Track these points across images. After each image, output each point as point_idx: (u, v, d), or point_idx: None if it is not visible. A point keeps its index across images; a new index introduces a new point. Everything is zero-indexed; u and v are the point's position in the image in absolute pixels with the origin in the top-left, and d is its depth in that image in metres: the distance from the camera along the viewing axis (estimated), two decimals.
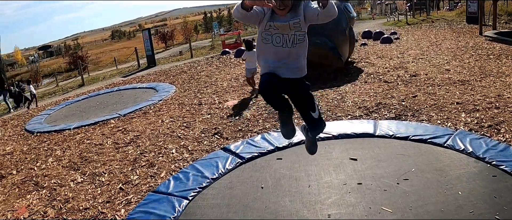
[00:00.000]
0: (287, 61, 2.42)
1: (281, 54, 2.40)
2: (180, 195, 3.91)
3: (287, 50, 2.39)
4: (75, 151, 6.44)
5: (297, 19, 2.34)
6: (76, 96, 14.07)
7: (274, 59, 2.43)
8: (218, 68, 12.30)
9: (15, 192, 5.15)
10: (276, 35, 2.37)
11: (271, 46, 2.40)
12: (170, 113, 7.76)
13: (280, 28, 2.35)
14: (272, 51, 2.41)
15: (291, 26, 2.34)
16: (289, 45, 2.38)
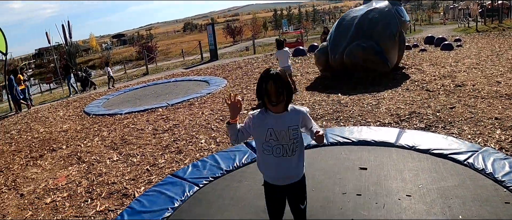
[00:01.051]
0: (288, 170, 2.47)
1: (283, 164, 2.44)
2: (193, 181, 4.36)
3: (288, 159, 2.43)
4: (119, 133, 7.26)
5: (295, 126, 2.40)
6: (137, 84, 15.42)
7: (275, 172, 2.48)
8: (273, 65, 12.70)
9: (60, 164, 6.03)
10: (276, 147, 2.40)
11: (272, 157, 2.43)
12: (212, 106, 8.32)
13: (279, 138, 2.38)
14: (274, 162, 2.44)
15: (290, 134, 2.38)
16: (289, 154, 2.41)
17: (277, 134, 2.38)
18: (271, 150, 2.41)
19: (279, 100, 2.32)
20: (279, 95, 2.31)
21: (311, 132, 2.46)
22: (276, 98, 2.31)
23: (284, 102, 2.35)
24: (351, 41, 7.66)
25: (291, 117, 2.41)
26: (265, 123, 2.40)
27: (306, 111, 2.50)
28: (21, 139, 8.20)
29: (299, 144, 2.46)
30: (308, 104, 6.82)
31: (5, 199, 4.92)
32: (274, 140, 2.39)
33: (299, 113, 2.44)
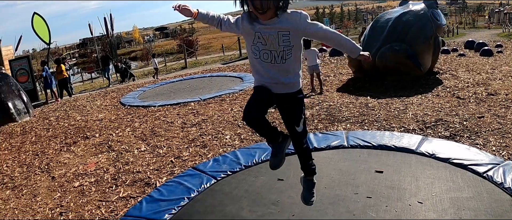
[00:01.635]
0: (278, 77, 2.38)
1: (271, 70, 2.37)
2: (211, 174, 4.60)
3: (277, 65, 2.34)
4: (150, 125, 7.66)
5: (286, 32, 2.27)
6: (174, 77, 15.98)
7: (264, 75, 2.41)
8: None
9: (92, 151, 6.49)
10: (264, 52, 2.32)
11: (260, 61, 2.37)
12: (243, 103, 8.54)
13: (267, 43, 2.29)
14: (261, 66, 2.38)
15: (280, 40, 2.27)
16: (278, 61, 2.33)
17: (265, 38, 2.26)
18: (259, 53, 2.33)
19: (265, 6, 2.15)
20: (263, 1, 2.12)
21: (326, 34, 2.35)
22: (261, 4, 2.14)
23: (273, 9, 2.19)
24: (384, 43, 7.62)
25: (282, 21, 2.26)
26: (253, 25, 2.28)
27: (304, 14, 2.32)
28: (59, 125, 8.83)
29: (293, 53, 2.34)
30: (336, 106, 6.88)
31: (38, 180, 5.40)
32: (262, 44, 2.29)
33: (293, 18, 2.27)
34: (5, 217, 4.38)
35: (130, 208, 4.13)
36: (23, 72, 14.54)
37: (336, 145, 5.00)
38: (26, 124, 9.59)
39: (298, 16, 2.29)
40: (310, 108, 7.00)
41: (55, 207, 4.46)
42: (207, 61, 24.07)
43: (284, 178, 4.29)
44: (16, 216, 4.36)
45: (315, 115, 6.58)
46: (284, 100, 2.50)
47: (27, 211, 4.47)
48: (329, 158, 4.67)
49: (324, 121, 6.20)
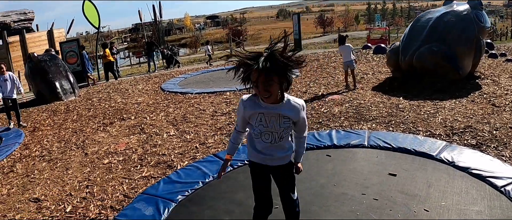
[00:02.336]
0: (274, 154, 2.48)
1: (269, 149, 2.46)
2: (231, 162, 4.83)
3: (276, 145, 2.44)
4: (183, 111, 8.00)
5: (287, 119, 2.37)
6: (216, 66, 16.35)
7: (261, 152, 2.49)
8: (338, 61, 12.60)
9: (125, 132, 6.92)
10: (265, 133, 2.40)
11: (260, 141, 2.45)
12: None
13: (268, 125, 2.37)
14: (261, 146, 2.47)
15: (281, 123, 2.36)
16: (277, 141, 2.42)
17: (268, 120, 2.34)
18: (260, 135, 2.40)
19: (269, 93, 2.20)
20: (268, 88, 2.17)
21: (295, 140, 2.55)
22: (265, 92, 2.19)
23: (276, 95, 2.24)
24: (423, 44, 7.39)
25: (285, 108, 2.34)
26: (256, 107, 2.34)
27: (303, 106, 2.42)
28: (100, 106, 9.43)
29: (289, 131, 2.44)
30: (365, 105, 6.83)
31: (72, 155, 5.88)
32: (263, 126, 2.36)
33: (295, 109, 2.36)
34: (38, 186, 4.84)
35: (149, 187, 4.42)
36: (72, 54, 15.57)
37: (355, 144, 5.02)
38: (70, 103, 10.33)
39: (299, 107, 2.38)
40: (339, 105, 7.00)
41: (83, 181, 4.87)
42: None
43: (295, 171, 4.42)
44: (47, 186, 4.81)
45: (342, 112, 6.59)
46: (278, 171, 2.60)
47: (58, 182, 4.91)
48: (345, 156, 4.71)
49: (351, 119, 6.20)
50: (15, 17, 18.50)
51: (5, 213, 4.17)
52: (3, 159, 6.05)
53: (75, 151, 6.09)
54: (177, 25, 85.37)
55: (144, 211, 3.86)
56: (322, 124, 6.20)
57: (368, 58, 12.55)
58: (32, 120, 8.80)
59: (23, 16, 18.96)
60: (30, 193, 4.64)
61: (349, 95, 7.78)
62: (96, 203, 4.25)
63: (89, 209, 4.13)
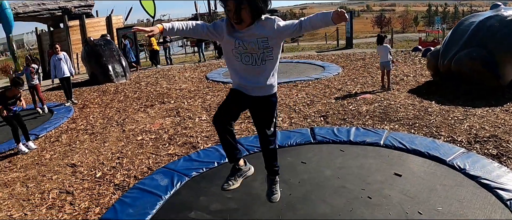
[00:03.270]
0: (255, 80, 2.51)
1: (250, 72, 2.49)
2: (248, 148, 5.14)
3: (257, 68, 2.47)
4: (219, 99, 8.46)
5: (264, 38, 2.40)
6: None
7: (243, 78, 2.53)
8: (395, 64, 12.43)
9: (162, 114, 7.50)
10: (245, 55, 2.44)
11: (240, 64, 2.48)
12: (311, 90, 8.85)
13: (248, 48, 2.41)
14: (242, 69, 2.50)
15: (260, 44, 2.40)
16: (258, 63, 2.45)
17: (246, 44, 2.40)
18: (240, 57, 2.45)
19: (240, 19, 2.31)
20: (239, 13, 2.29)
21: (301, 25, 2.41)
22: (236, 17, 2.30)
23: (248, 20, 2.34)
24: (463, 48, 7.19)
25: (259, 28, 2.40)
26: (232, 33, 2.41)
27: (277, 19, 2.45)
28: (146, 90, 10.17)
29: (272, 56, 2.48)
30: (394, 106, 6.86)
31: (111, 131, 6.53)
32: (243, 48, 2.42)
33: (268, 25, 2.41)
34: (77, 154, 5.50)
35: (169, 162, 4.90)
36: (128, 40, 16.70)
37: (371, 142, 5.13)
38: (120, 85, 11.20)
39: (272, 22, 2.42)
40: (368, 105, 7.08)
41: (116, 153, 5.45)
42: (304, 47, 24.42)
43: (306, 161, 4.68)
44: (85, 154, 5.46)
45: (369, 111, 6.68)
46: (258, 103, 2.63)
47: (94, 152, 5.54)
48: (357, 153, 4.84)
49: (376, 118, 6.29)
50: (76, 3, 20.00)
51: (45, 173, 4.84)
52: (52, 130, 6.87)
53: (115, 127, 6.74)
54: None
55: (160, 181, 4.32)
56: (347, 120, 6.35)
57: (415, 61, 12.29)
58: (83, 98, 9.72)
59: (84, 2, 20.46)
60: (68, 159, 5.30)
61: (382, 95, 7.81)
62: (122, 172, 4.79)
63: (115, 176, 4.67)
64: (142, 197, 4.03)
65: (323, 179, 4.20)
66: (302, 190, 4.00)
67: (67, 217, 3.83)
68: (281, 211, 3.61)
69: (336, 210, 3.56)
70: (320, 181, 4.15)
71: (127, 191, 4.21)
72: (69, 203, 4.10)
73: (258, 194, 3.87)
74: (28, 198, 4.28)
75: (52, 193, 4.35)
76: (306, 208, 3.64)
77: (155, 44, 15.99)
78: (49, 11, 19.06)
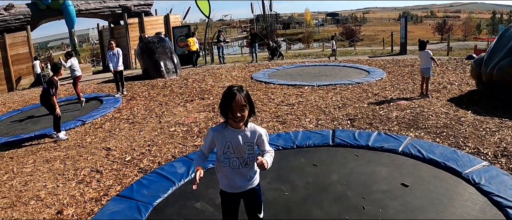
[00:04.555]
0: (243, 180, 2.74)
1: (237, 175, 2.71)
2: None
3: (243, 170, 2.70)
4: (255, 98, 8.67)
5: (251, 143, 2.64)
6: (315, 62, 16.72)
7: (231, 179, 2.74)
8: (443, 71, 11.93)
9: (199, 109, 7.89)
10: (233, 160, 2.65)
11: (228, 168, 2.68)
12: (347, 94, 8.78)
13: (235, 152, 2.63)
14: (229, 172, 2.70)
15: (246, 150, 2.63)
16: (243, 166, 2.68)
17: (234, 147, 2.63)
18: (228, 162, 2.66)
19: (242, 117, 2.54)
20: (242, 112, 2.53)
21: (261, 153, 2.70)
22: (240, 114, 2.53)
23: (245, 119, 2.59)
24: (506, 56, 6.77)
25: (249, 134, 2.64)
26: (223, 136, 2.64)
27: (264, 133, 2.71)
28: (191, 86, 10.68)
29: (253, 158, 2.69)
30: (427, 113, 6.67)
31: (149, 122, 7.02)
32: (231, 153, 2.64)
33: (256, 133, 2.66)
34: (114, 139, 6.03)
35: (192, 153, 5.23)
36: (183, 38, 17.50)
37: (388, 148, 5.01)
38: (169, 81, 11.84)
39: (261, 133, 2.68)
40: (400, 111, 6.95)
41: (148, 141, 5.90)
42: (358, 52, 24.00)
43: (318, 164, 4.75)
44: (120, 140, 5.96)
45: (399, 117, 6.57)
46: (246, 195, 2.85)
47: (129, 139, 6.03)
48: (371, 159, 4.76)
49: (403, 125, 6.18)
50: (136, 2, 21.02)
51: (82, 154, 5.39)
52: (98, 118, 7.54)
53: (153, 119, 7.24)
54: (297, 19, 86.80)
55: (178, 169, 4.64)
56: (373, 125, 6.31)
57: (465, 69, 11.73)
58: (133, 91, 10.44)
59: (143, 1, 21.43)
60: (106, 144, 5.83)
61: (417, 102, 7.61)
62: (149, 158, 5.20)
63: (142, 161, 5.09)
64: (159, 181, 4.38)
65: (328, 183, 4.22)
66: (303, 193, 4.06)
67: (92, 191, 4.29)
68: (276, 212, 3.71)
69: (329, 218, 3.57)
70: (324, 186, 4.17)
71: (147, 174, 4.59)
72: (97, 180, 4.57)
73: None
74: (63, 173, 4.83)
75: (84, 170, 4.86)
76: (300, 212, 3.71)
77: (193, 45, 16.62)
78: (110, 9, 20.19)
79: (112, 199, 4.04)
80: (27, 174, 4.95)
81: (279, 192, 4.12)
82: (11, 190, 4.55)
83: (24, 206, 4.13)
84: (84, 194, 4.26)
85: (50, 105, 6.44)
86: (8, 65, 16.51)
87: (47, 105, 6.52)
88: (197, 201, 3.97)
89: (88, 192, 4.30)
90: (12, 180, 4.84)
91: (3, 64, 16.43)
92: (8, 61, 16.49)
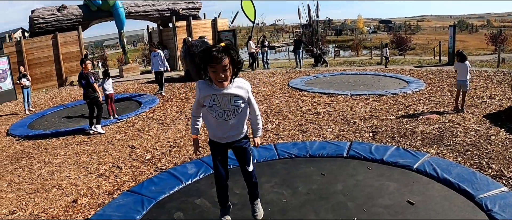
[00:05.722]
0: (229, 132, 2.83)
1: (224, 127, 2.80)
2: (280, 153, 5.34)
3: (229, 122, 2.78)
4: (284, 105, 8.63)
5: (237, 96, 2.74)
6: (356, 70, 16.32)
7: (218, 131, 2.85)
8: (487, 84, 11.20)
9: None
10: (219, 111, 2.73)
11: (215, 119, 2.77)
12: (378, 105, 8.43)
13: (221, 104, 2.70)
14: (216, 123, 2.80)
15: (232, 101, 2.72)
16: (230, 117, 2.75)
17: (220, 100, 2.70)
18: (214, 113, 2.74)
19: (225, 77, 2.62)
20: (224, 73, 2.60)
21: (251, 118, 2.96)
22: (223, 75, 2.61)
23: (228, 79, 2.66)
24: None
25: (234, 89, 2.72)
26: (210, 88, 2.72)
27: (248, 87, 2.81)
28: None
29: (242, 111, 2.80)
30: (455, 129, 6.28)
31: (177, 123, 7.32)
32: (217, 105, 2.71)
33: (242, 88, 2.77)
34: (140, 138, 6.29)
35: (206, 156, 5.33)
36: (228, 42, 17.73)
37: (403, 164, 4.76)
38: None
39: (246, 86, 2.81)
40: (427, 125, 6.61)
41: (171, 142, 6.08)
42: (405, 61, 23.10)
43: (326, 173, 4.66)
44: (146, 139, 6.21)
45: (424, 132, 6.25)
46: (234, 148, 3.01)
47: (154, 138, 6.26)
48: (382, 173, 4.54)
49: (426, 140, 5.88)
50: (184, 5, 21.43)
51: (108, 150, 5.69)
52: (132, 117, 7.89)
53: (182, 121, 7.45)
54: (350, 26, 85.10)
55: (189, 170, 4.76)
56: (395, 139, 6.06)
57: None
58: (171, 92, 10.80)
59: (191, 5, 21.81)
60: (132, 142, 6.10)
61: (449, 117, 7.21)
62: (168, 158, 5.37)
63: (160, 160, 5.27)
64: (168, 179, 4.52)
65: (331, 192, 4.11)
66: (303, 199, 4.00)
67: (108, 185, 4.54)
68: (271, 212, 3.72)
69: None
70: (326, 194, 4.07)
71: (159, 173, 4.76)
72: (115, 175, 4.81)
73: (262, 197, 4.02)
74: (87, 166, 5.14)
75: (106, 165, 5.13)
76: (293, 215, 3.68)
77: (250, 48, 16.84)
78: (159, 12, 20.75)
79: (123, 193, 4.24)
80: (56, 165, 5.32)
81: (279, 195, 4.10)
82: (39, 178, 4.93)
83: (46, 192, 4.46)
84: (100, 187, 4.51)
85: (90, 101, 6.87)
86: (59, 62, 17.42)
87: (88, 101, 6.95)
88: (198, 197, 4.06)
89: (105, 185, 4.54)
90: (42, 169, 5.24)
91: (54, 61, 17.35)
92: (60, 59, 17.39)
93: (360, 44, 41.50)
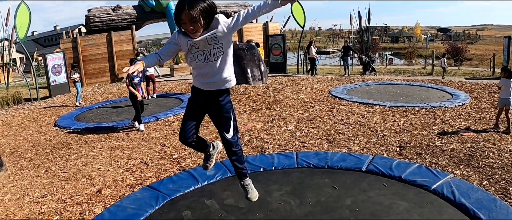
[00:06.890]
0: (210, 76, 2.67)
1: (204, 69, 2.65)
2: (300, 161, 5.29)
3: (210, 64, 2.62)
4: (318, 113, 8.48)
5: (213, 34, 2.53)
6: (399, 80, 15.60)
7: (200, 76, 2.71)
8: None
9: (260, 118, 8.03)
10: (198, 53, 2.60)
11: (195, 63, 2.65)
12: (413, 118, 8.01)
13: (199, 46, 2.56)
14: (197, 67, 2.68)
15: (209, 40, 2.54)
16: (210, 59, 2.60)
17: (198, 44, 2.57)
18: (193, 56, 2.63)
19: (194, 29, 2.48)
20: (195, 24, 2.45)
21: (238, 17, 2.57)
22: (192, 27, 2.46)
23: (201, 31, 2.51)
24: None
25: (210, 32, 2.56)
26: (187, 39, 2.58)
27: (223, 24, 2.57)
28: (268, 95, 10.80)
29: (223, 51, 2.62)
30: (489, 150, 5.82)
31: (211, 125, 7.35)
32: (196, 48, 2.59)
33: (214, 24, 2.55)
34: (172, 137, 6.53)
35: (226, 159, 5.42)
36: (277, 46, 17.78)
37: (421, 184, 4.49)
38: (250, 88, 12.17)
39: (216, 21, 2.56)
40: (460, 144, 6.21)
41: None
42: (457, 72, 21.73)
43: (338, 186, 4.55)
44: (176, 139, 6.42)
45: (454, 150, 5.89)
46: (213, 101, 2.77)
47: None
48: (398, 192, 4.32)
49: (453, 159, 5.53)
50: (236, 8, 21.33)
51: (140, 146, 6.00)
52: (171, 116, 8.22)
53: (211, 125, 7.61)
54: (407, 33, 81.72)
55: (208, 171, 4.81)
56: (421, 156, 5.77)
57: None
58: None
59: (243, 8, 22.00)
60: (164, 140, 6.39)
61: (486, 136, 6.69)
62: (193, 158, 5.55)
63: (185, 160, 5.47)
64: (186, 179, 4.69)
65: (338, 206, 4.02)
66: (307, 210, 3.96)
67: (132, 178, 4.82)
68: (271, 217, 3.79)
69: None
70: (332, 208, 3.99)
71: (181, 172, 4.93)
72: (141, 171, 5.07)
73: (268, 204, 4.04)
74: (118, 160, 5.46)
75: (135, 161, 5.42)
76: None
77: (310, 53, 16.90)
78: None
79: (143, 188, 4.47)
80: (91, 157, 5.72)
81: (286, 204, 4.10)
82: (73, 167, 5.34)
83: (76, 181, 4.82)
84: (125, 180, 4.78)
85: (133, 100, 7.25)
86: (113, 59, 18.15)
87: (131, 99, 7.35)
88: (209, 199, 4.17)
89: (129, 179, 4.80)
90: (77, 159, 5.65)
91: (108, 59, 18.14)
92: (113, 56, 18.11)
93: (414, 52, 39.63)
